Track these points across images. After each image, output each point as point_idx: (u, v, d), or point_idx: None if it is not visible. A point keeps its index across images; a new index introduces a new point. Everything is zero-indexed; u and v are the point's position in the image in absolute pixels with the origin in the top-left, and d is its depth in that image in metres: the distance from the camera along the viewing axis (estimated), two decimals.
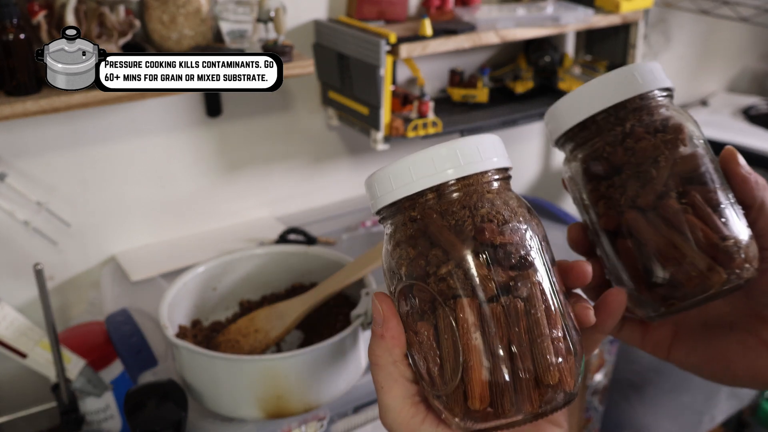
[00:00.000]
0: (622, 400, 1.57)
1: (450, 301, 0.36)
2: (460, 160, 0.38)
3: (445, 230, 0.37)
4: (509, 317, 0.36)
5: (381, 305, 0.40)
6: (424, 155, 0.38)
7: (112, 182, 1.17)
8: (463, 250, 0.36)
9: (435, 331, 0.37)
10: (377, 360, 0.40)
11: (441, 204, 0.38)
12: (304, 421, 0.86)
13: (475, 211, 0.37)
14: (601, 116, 0.43)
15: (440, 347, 0.37)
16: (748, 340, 0.45)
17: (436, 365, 0.37)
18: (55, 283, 1.17)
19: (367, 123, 1.19)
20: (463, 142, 0.38)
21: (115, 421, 1.08)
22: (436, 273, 0.37)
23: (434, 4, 1.29)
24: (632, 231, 0.42)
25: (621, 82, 0.43)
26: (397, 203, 0.39)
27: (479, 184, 0.38)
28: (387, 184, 0.39)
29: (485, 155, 0.39)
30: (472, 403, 0.36)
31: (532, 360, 0.36)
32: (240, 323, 0.89)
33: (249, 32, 1.08)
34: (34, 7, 0.92)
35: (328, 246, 1.20)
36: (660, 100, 0.44)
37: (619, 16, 1.34)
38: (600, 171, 0.43)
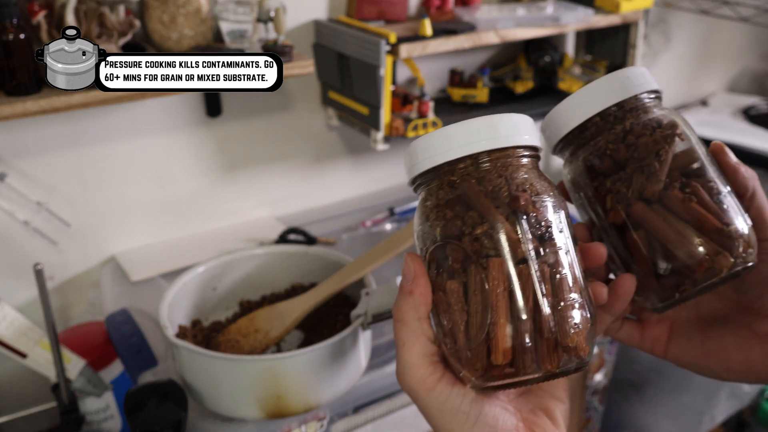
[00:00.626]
0: (622, 400, 1.58)
1: (483, 259, 0.39)
2: (500, 132, 0.41)
3: (482, 195, 0.40)
4: (536, 279, 0.39)
5: (412, 263, 0.42)
6: (465, 126, 0.41)
7: (112, 182, 1.17)
8: (498, 214, 0.40)
9: (464, 290, 0.40)
10: (403, 316, 0.42)
11: (479, 171, 0.41)
12: (304, 421, 0.86)
13: (511, 180, 0.41)
14: (600, 117, 0.46)
15: (469, 304, 0.39)
16: (741, 333, 0.47)
17: (463, 322, 0.40)
18: (55, 283, 1.17)
19: (367, 123, 1.19)
20: (501, 117, 0.42)
21: (115, 421, 1.08)
22: (471, 233, 0.40)
23: (434, 4, 1.29)
24: (640, 222, 0.45)
25: (616, 84, 0.46)
26: (437, 169, 0.42)
27: (514, 157, 0.42)
28: (428, 151, 0.42)
29: (521, 131, 0.42)
30: (496, 358, 0.39)
31: (555, 322, 0.39)
32: (240, 323, 0.89)
33: (249, 32, 1.08)
34: (34, 7, 0.92)
35: (328, 246, 1.20)
36: (650, 101, 0.47)
37: (619, 16, 1.34)
38: (604, 167, 0.46)
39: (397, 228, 1.28)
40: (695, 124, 1.74)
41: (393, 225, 1.30)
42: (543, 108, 1.36)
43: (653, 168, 0.44)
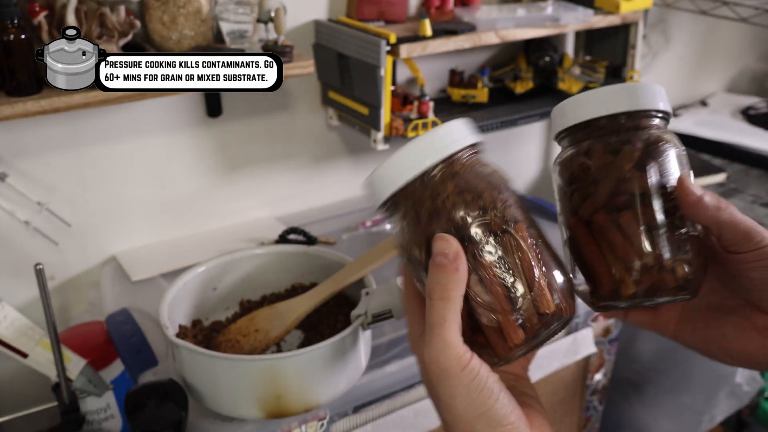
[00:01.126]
0: (621, 399, 1.58)
1: (511, 226, 0.44)
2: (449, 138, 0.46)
3: (484, 179, 0.45)
4: (544, 235, 0.46)
5: (451, 241, 0.43)
6: (466, 122, 0.46)
7: (112, 182, 1.17)
8: (506, 190, 0.45)
9: (501, 257, 0.43)
10: (448, 293, 0.43)
11: (473, 161, 0.46)
12: (304, 421, 0.86)
13: (492, 167, 0.47)
14: (575, 130, 0.49)
15: (507, 271, 0.43)
16: (742, 325, 0.49)
17: (504, 290, 0.43)
18: (56, 283, 1.17)
19: (367, 123, 1.19)
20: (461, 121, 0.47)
21: (115, 421, 1.08)
22: (494, 208, 0.44)
23: (434, 5, 1.29)
24: (572, 234, 0.49)
25: (598, 99, 0.48)
26: (445, 160, 0.45)
27: (480, 151, 0.47)
28: (433, 145, 0.45)
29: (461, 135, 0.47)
30: (548, 305, 0.44)
31: (563, 276, 0.46)
32: (240, 323, 0.89)
33: (249, 32, 1.08)
34: (35, 8, 0.92)
35: (328, 246, 1.21)
36: (652, 121, 0.48)
37: (619, 17, 1.34)
38: (565, 175, 0.49)
39: None
40: (695, 124, 1.74)
41: (393, 225, 1.30)
42: (543, 108, 1.36)
43: (588, 192, 0.47)
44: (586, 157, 0.48)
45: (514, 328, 0.43)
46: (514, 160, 1.65)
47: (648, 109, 0.47)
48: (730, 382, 1.51)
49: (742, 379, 1.52)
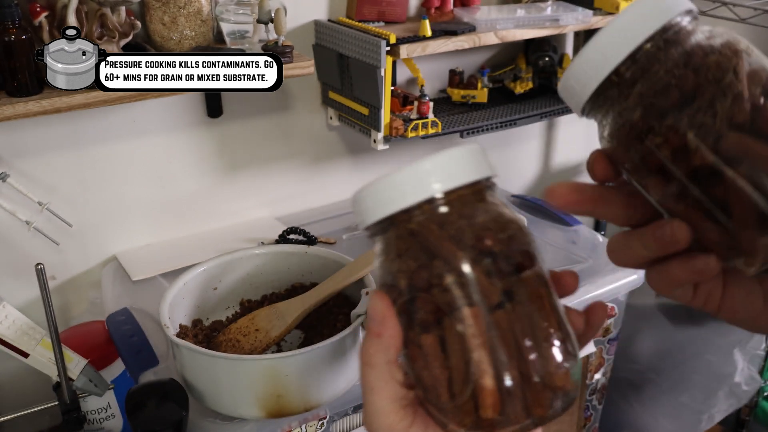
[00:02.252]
0: (620, 399, 1.58)
1: (456, 311, 0.36)
2: (452, 169, 0.38)
3: (445, 240, 0.37)
4: (515, 323, 0.36)
5: (380, 302, 0.39)
6: (415, 169, 0.38)
7: (112, 182, 1.17)
8: (465, 259, 0.36)
9: (441, 343, 0.37)
10: (370, 359, 0.39)
11: (437, 216, 0.38)
12: (304, 421, 0.86)
13: (473, 219, 0.37)
14: (649, 46, 0.38)
15: (449, 359, 0.37)
16: None
17: (445, 378, 0.37)
18: (57, 283, 1.18)
19: (367, 123, 1.20)
20: (450, 154, 0.38)
21: (116, 421, 1.08)
22: (440, 284, 0.36)
23: (434, 5, 1.29)
24: (741, 155, 0.36)
25: (655, 6, 0.38)
26: (392, 217, 0.38)
27: (472, 193, 0.38)
28: (378, 198, 0.39)
29: (475, 164, 0.39)
30: (485, 412, 0.36)
31: (540, 365, 0.37)
32: (240, 323, 0.89)
33: (249, 33, 1.08)
34: (36, 8, 0.93)
35: (328, 246, 1.21)
36: (692, 23, 0.39)
37: None
38: (672, 102, 0.37)
39: None
40: None
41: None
42: (542, 108, 1.36)
43: (736, 88, 0.36)
44: (702, 61, 0.37)
45: (454, 418, 0.37)
46: (514, 160, 1.65)
47: (686, 8, 0.38)
48: (729, 381, 1.52)
49: (741, 379, 1.52)
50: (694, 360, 1.52)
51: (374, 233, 0.40)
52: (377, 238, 0.40)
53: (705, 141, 0.36)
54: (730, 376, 1.51)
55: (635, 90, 0.38)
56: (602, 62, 0.38)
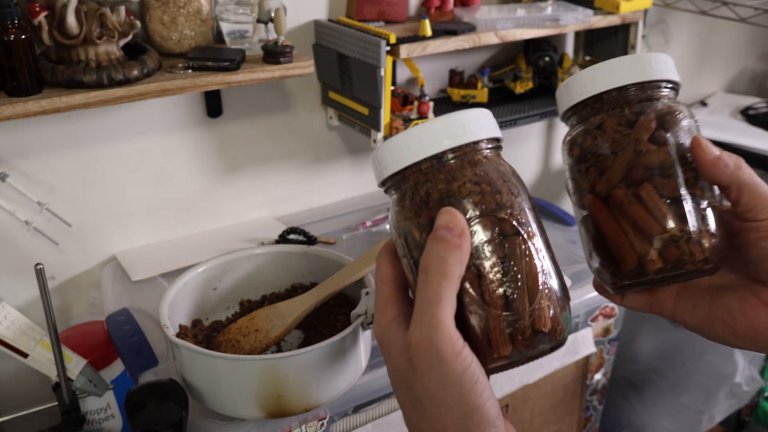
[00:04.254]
0: (621, 399, 1.58)
1: (526, 230, 0.42)
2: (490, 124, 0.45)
3: (500, 177, 0.43)
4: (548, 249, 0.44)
5: (458, 216, 0.40)
6: (481, 111, 0.45)
7: (112, 182, 1.17)
8: (524, 191, 0.44)
9: (507, 260, 0.41)
10: (448, 270, 0.39)
11: (496, 154, 0.45)
12: (304, 421, 0.86)
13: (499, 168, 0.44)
14: (582, 106, 0.47)
15: (514, 275, 0.41)
16: (749, 300, 0.46)
17: (513, 290, 0.41)
18: (56, 283, 1.18)
19: (367, 123, 1.20)
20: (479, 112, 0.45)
21: (115, 421, 1.08)
22: (512, 206, 0.42)
23: (434, 5, 1.29)
24: (589, 212, 0.47)
25: (606, 71, 0.46)
26: (461, 148, 0.43)
27: (481, 150, 0.45)
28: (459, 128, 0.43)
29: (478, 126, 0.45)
30: (545, 323, 0.41)
31: (563, 293, 0.44)
32: (240, 323, 0.89)
33: (249, 33, 1.08)
34: (35, 8, 0.92)
35: (328, 246, 1.21)
36: (651, 92, 0.46)
37: (619, 17, 1.34)
38: (574, 153, 0.48)
39: None
40: None
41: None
42: (543, 108, 1.36)
43: (606, 165, 0.45)
44: (598, 132, 0.46)
45: (504, 338, 0.40)
46: (514, 160, 1.64)
47: (658, 79, 0.46)
48: (730, 382, 1.52)
49: (742, 379, 1.52)
50: (695, 360, 1.52)
51: (395, 182, 0.44)
52: (444, 160, 0.43)
53: (577, 190, 0.48)
54: (730, 376, 1.51)
55: (570, 131, 0.49)
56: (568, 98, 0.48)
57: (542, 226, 0.44)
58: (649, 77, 0.46)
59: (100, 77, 0.93)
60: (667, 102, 0.46)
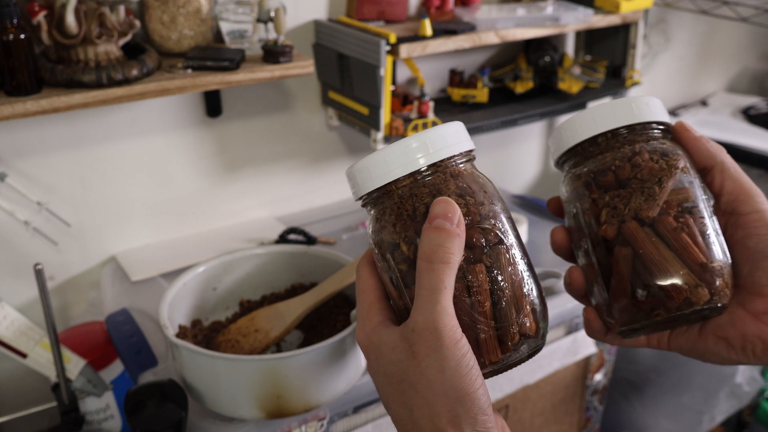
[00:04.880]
0: (621, 399, 1.58)
1: (507, 239, 0.44)
2: (462, 137, 0.46)
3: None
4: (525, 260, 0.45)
5: (455, 206, 0.41)
6: (452, 126, 0.46)
7: (112, 182, 1.17)
8: (503, 207, 0.45)
9: (493, 269, 0.43)
10: (449, 258, 0.40)
11: (467, 167, 0.46)
12: (304, 421, 0.86)
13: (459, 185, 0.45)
14: (611, 134, 0.48)
15: (500, 282, 0.42)
16: (736, 313, 0.47)
17: (490, 304, 0.42)
18: (56, 283, 1.17)
19: (367, 123, 1.19)
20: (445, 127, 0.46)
21: (115, 421, 1.08)
22: (494, 217, 0.44)
23: (434, 4, 1.29)
24: (630, 240, 0.46)
25: (631, 107, 0.48)
26: (436, 164, 0.45)
27: (468, 161, 0.47)
28: (440, 142, 0.45)
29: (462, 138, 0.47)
30: (531, 327, 0.43)
31: (541, 297, 0.46)
32: (240, 323, 0.89)
33: (249, 32, 1.08)
34: (35, 8, 0.92)
35: (328, 246, 1.21)
36: (659, 132, 0.49)
37: (619, 17, 1.34)
38: (606, 182, 0.47)
39: None
40: (695, 123, 1.74)
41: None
42: (543, 108, 1.36)
43: (653, 191, 0.46)
44: (639, 158, 0.47)
45: (494, 343, 0.42)
46: (514, 160, 1.65)
47: (660, 120, 0.48)
48: (730, 382, 1.51)
49: (743, 380, 1.52)
50: (695, 361, 1.52)
51: (376, 198, 0.46)
52: (421, 176, 0.44)
53: (611, 219, 0.46)
54: (731, 376, 1.51)
55: (586, 164, 0.49)
56: (577, 132, 0.49)
57: (518, 233, 0.46)
58: (658, 118, 0.48)
59: (100, 77, 0.92)
60: (668, 142, 0.49)
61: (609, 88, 1.44)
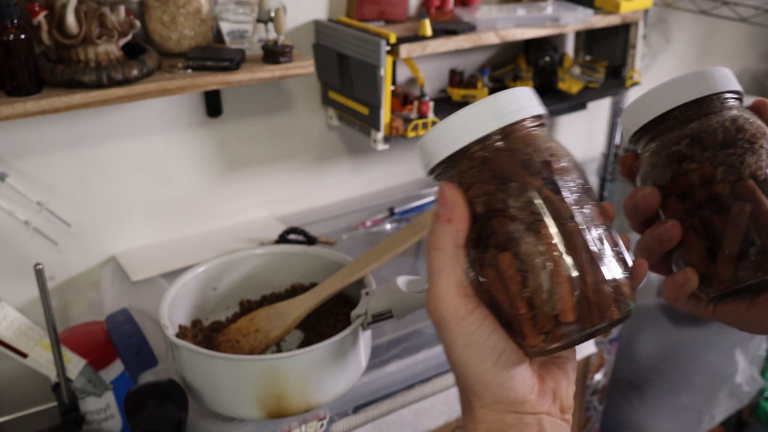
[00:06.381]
0: (621, 399, 1.58)
1: (535, 224, 0.41)
2: (520, 103, 0.44)
3: (517, 166, 0.42)
4: (586, 235, 0.41)
5: (450, 190, 0.42)
6: (486, 102, 0.43)
7: (112, 182, 1.17)
8: (537, 181, 0.41)
9: (518, 259, 0.41)
10: (441, 244, 0.42)
11: (509, 143, 0.43)
12: (304, 421, 0.86)
13: (538, 148, 0.43)
14: (706, 100, 0.50)
15: (527, 271, 0.40)
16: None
17: (522, 291, 0.40)
18: (56, 283, 1.17)
19: (367, 123, 1.19)
20: (515, 91, 0.44)
21: (115, 421, 1.08)
22: (516, 203, 0.41)
23: (434, 5, 1.29)
24: (749, 197, 0.47)
25: (718, 75, 0.50)
26: (465, 149, 0.43)
27: (533, 126, 0.44)
28: (452, 133, 0.43)
29: (534, 101, 0.45)
30: (565, 316, 0.40)
31: (610, 271, 0.41)
32: (240, 323, 0.89)
33: (249, 32, 1.08)
34: (35, 8, 0.92)
35: (328, 246, 1.21)
36: (735, 101, 0.51)
37: (619, 17, 1.34)
38: (715, 142, 0.48)
39: (397, 228, 1.28)
40: None
41: (393, 225, 1.30)
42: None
43: (764, 152, 0.48)
44: (736, 123, 0.49)
45: (532, 329, 0.41)
46: None
47: (736, 89, 0.51)
48: (730, 382, 1.51)
49: (742, 379, 1.52)
50: (695, 360, 1.52)
51: (445, 168, 0.44)
52: (448, 172, 0.44)
53: (728, 177, 0.47)
54: (731, 376, 1.51)
55: (690, 126, 0.50)
56: (670, 99, 0.50)
57: (594, 201, 0.43)
58: (726, 88, 0.50)
59: (100, 77, 0.92)
60: None
61: (609, 88, 1.44)
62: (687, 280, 0.49)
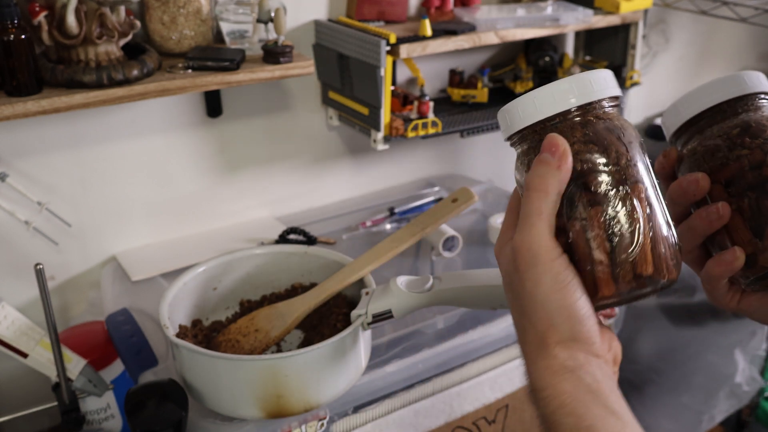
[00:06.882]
0: None
1: (625, 186, 0.46)
2: (614, 83, 0.50)
3: (612, 135, 0.47)
4: (660, 201, 0.48)
5: (560, 139, 0.46)
6: (595, 73, 0.49)
7: (112, 182, 1.17)
8: (627, 151, 0.47)
9: (606, 215, 0.46)
10: (546, 187, 0.45)
11: (606, 114, 0.49)
12: (304, 421, 0.86)
13: (623, 123, 0.49)
14: (746, 98, 0.54)
15: (615, 226, 0.46)
16: None
17: (607, 244, 0.46)
18: (56, 283, 1.17)
19: (367, 123, 1.19)
20: (607, 72, 0.50)
21: (115, 421, 1.08)
22: (617, 163, 0.47)
23: (434, 5, 1.29)
24: None
25: (744, 79, 0.54)
26: (565, 113, 0.48)
27: (615, 105, 0.50)
28: (557, 96, 0.49)
29: (617, 84, 0.51)
30: (646, 269, 0.46)
31: (674, 238, 0.48)
32: (240, 323, 0.89)
33: (249, 33, 1.08)
34: (35, 8, 0.92)
35: (328, 246, 1.21)
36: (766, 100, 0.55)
37: (619, 17, 1.34)
38: (765, 131, 0.52)
39: (397, 228, 1.28)
40: None
41: (393, 225, 1.30)
42: None
43: None
44: None
45: (608, 280, 0.46)
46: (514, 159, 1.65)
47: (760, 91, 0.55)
48: (730, 382, 1.51)
49: (742, 379, 1.52)
50: (695, 360, 1.52)
51: (533, 131, 0.49)
52: (528, 138, 0.49)
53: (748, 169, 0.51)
54: (731, 376, 1.51)
55: (739, 117, 0.53)
56: (721, 93, 0.54)
57: (653, 179, 0.49)
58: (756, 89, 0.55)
59: (100, 77, 0.93)
60: None
61: None
62: (735, 257, 0.51)
